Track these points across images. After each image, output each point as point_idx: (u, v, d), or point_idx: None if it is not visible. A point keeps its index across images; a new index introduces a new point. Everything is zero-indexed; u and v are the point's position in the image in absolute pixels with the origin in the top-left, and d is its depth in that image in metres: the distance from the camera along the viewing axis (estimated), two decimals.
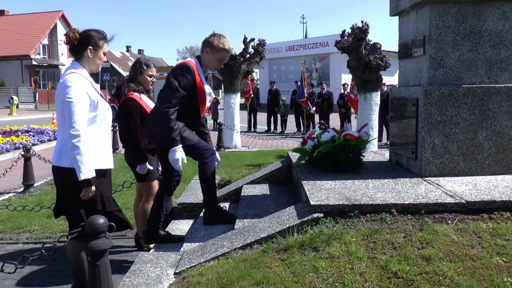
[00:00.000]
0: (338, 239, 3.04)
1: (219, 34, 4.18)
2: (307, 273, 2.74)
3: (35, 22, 48.39)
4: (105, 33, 3.48)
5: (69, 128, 3.13)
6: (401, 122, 4.65)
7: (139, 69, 4.60)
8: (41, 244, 3.47)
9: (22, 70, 46.30)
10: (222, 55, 4.17)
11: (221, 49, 4.11)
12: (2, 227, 5.71)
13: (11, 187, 8.21)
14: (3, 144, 12.17)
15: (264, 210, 4.28)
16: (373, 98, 9.52)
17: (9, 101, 30.57)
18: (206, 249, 3.44)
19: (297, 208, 3.61)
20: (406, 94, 4.53)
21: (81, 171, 3.12)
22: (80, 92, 3.19)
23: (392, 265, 2.71)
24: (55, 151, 3.34)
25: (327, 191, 3.67)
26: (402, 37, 4.83)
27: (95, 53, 3.39)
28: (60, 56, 49.04)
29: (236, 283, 2.74)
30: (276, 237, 3.24)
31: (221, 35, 4.17)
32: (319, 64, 35.08)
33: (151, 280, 3.11)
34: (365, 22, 9.12)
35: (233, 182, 6.04)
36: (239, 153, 12.06)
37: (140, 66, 4.60)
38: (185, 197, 5.64)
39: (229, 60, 12.61)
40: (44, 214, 6.06)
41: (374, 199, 3.41)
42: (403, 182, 3.96)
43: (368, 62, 9.11)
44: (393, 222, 3.21)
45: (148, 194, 4.68)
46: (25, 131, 15.08)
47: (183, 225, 5.14)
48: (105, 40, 3.45)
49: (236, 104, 13.10)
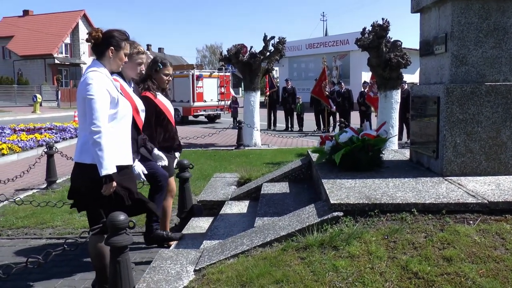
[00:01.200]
0: (358, 238, 3.03)
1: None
2: (327, 272, 2.74)
3: (57, 22, 49.19)
4: (127, 34, 3.53)
5: (90, 125, 3.19)
6: (422, 120, 4.61)
7: (155, 67, 4.63)
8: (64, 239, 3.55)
9: (45, 69, 47.14)
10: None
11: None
12: (26, 222, 5.84)
13: (35, 183, 8.38)
14: (27, 141, 12.42)
15: (284, 208, 4.28)
16: (393, 96, 9.45)
17: (33, 99, 31.11)
18: (225, 247, 3.46)
19: (317, 207, 3.60)
20: (427, 92, 4.48)
21: (103, 167, 3.18)
22: (100, 89, 3.25)
23: (412, 265, 2.69)
24: (77, 148, 3.41)
25: (347, 190, 3.65)
26: (424, 34, 4.78)
27: (116, 54, 3.43)
28: (82, 55, 49.73)
29: (256, 281, 2.76)
30: (296, 236, 3.24)
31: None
32: (339, 62, 34.89)
33: (171, 276, 3.13)
34: (385, 19, 9.06)
35: (253, 180, 6.05)
36: (259, 151, 12.09)
37: (156, 64, 4.63)
38: (205, 195, 5.67)
39: (249, 58, 12.64)
40: (66, 210, 6.16)
41: (394, 198, 3.39)
42: (423, 181, 3.92)
43: (389, 60, 9.04)
44: (414, 222, 3.18)
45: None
46: (48, 129, 15.36)
47: (202, 222, 5.18)
48: (127, 41, 3.50)
49: (256, 102, 13.11)
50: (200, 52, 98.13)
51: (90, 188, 3.35)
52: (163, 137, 4.62)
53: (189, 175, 5.45)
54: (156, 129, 4.54)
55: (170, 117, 4.68)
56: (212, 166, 9.59)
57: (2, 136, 13.19)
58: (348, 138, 4.52)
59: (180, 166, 5.35)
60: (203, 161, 10.27)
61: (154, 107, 4.50)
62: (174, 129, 4.80)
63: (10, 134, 13.83)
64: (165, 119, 4.63)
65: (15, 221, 5.90)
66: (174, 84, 22.05)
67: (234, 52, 12.74)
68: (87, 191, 3.40)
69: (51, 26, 48.07)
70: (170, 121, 4.69)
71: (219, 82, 22.77)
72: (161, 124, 4.60)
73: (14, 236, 5.39)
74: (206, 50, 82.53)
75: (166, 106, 4.67)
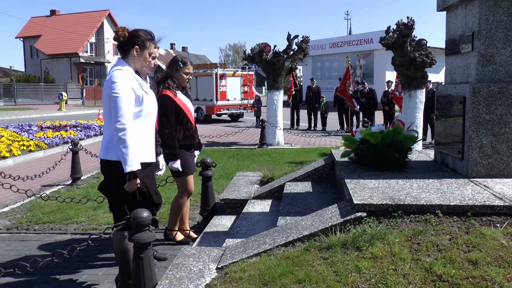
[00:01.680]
0: (382, 239, 3.00)
1: None
2: (350, 273, 2.72)
3: (83, 21, 50.05)
4: (153, 34, 3.56)
5: (115, 122, 3.24)
6: (447, 120, 4.54)
7: (175, 66, 4.66)
8: (88, 235, 3.62)
9: (71, 67, 48.01)
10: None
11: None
12: (52, 217, 5.97)
13: (60, 180, 8.55)
14: (53, 138, 12.68)
15: (307, 208, 4.28)
16: (418, 96, 9.33)
17: (59, 97, 31.69)
18: (248, 245, 3.47)
19: (340, 207, 3.59)
20: (452, 91, 4.42)
21: (127, 163, 3.23)
22: (125, 88, 3.30)
23: (436, 268, 2.66)
24: (102, 145, 3.47)
25: (371, 190, 3.62)
26: (450, 32, 4.71)
27: (140, 53, 3.48)
28: (107, 54, 50.48)
29: (278, 281, 2.76)
30: (318, 236, 3.24)
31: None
32: (363, 61, 34.60)
33: (193, 274, 3.16)
34: (410, 18, 8.96)
35: (276, 179, 6.06)
36: (282, 150, 12.09)
37: (176, 63, 4.67)
38: (228, 193, 5.70)
39: (272, 57, 12.64)
40: (90, 206, 6.28)
41: (418, 200, 3.35)
42: (448, 182, 3.87)
43: (413, 59, 8.93)
44: (438, 224, 3.14)
45: (181, 189, 4.77)
46: (73, 126, 15.62)
47: (225, 220, 5.21)
48: (152, 42, 3.53)
49: (279, 101, 13.10)
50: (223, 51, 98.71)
51: (115, 184, 3.41)
52: (182, 135, 4.66)
53: (212, 173, 5.48)
54: (176, 127, 4.58)
55: (190, 116, 4.72)
56: (235, 165, 9.63)
57: (30, 133, 13.48)
58: (378, 130, 4.51)
59: (203, 164, 5.39)
60: (226, 160, 10.32)
61: (174, 106, 4.54)
62: (193, 128, 4.83)
63: (37, 131, 14.12)
64: (184, 117, 4.66)
65: (42, 216, 6.04)
66: (198, 82, 22.20)
67: (257, 51, 12.75)
68: (112, 187, 3.46)
69: (77, 26, 48.93)
70: (190, 119, 4.72)
71: (242, 81, 22.81)
72: (181, 123, 4.63)
73: (41, 231, 5.52)
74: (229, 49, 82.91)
75: (186, 104, 4.70)
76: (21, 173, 8.28)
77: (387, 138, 4.40)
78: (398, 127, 4.48)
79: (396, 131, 4.45)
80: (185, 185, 4.75)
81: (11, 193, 6.67)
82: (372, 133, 4.48)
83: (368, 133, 4.49)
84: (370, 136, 4.45)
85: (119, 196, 3.43)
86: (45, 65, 50.01)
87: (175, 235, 4.87)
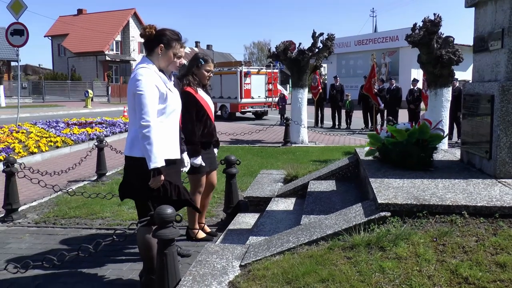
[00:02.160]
0: (406, 240, 2.97)
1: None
2: (374, 273, 2.70)
3: (109, 20, 50.78)
4: (180, 35, 3.60)
5: (140, 119, 3.28)
6: (474, 119, 4.45)
7: (196, 63, 4.69)
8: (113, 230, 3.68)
9: (97, 65, 48.76)
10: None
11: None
12: (78, 212, 6.09)
13: (86, 175, 8.70)
14: (79, 135, 12.91)
15: (331, 207, 4.26)
16: (444, 94, 9.17)
17: (85, 94, 32.23)
18: (272, 243, 3.48)
19: (364, 206, 3.56)
20: (480, 90, 4.33)
21: (151, 160, 3.27)
22: (149, 85, 3.34)
23: (462, 270, 2.61)
24: (127, 142, 3.51)
25: (395, 190, 3.58)
26: (478, 29, 4.61)
27: (165, 52, 3.52)
28: (132, 52, 51.10)
29: (302, 279, 2.76)
30: (342, 235, 3.22)
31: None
32: (388, 59, 34.18)
33: (216, 271, 3.18)
34: (437, 14, 8.80)
35: (300, 177, 6.05)
36: (306, 148, 12.06)
37: (197, 60, 4.69)
38: (252, 191, 5.72)
39: (297, 55, 12.60)
40: (115, 202, 6.37)
41: (443, 200, 3.30)
42: (475, 183, 3.80)
43: (440, 57, 8.78)
44: (464, 225, 3.09)
45: (193, 186, 4.79)
46: (98, 123, 15.86)
47: (249, 218, 5.23)
48: (178, 42, 3.56)
49: (304, 99, 13.06)
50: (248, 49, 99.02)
51: (139, 181, 3.45)
52: (201, 132, 4.70)
53: (236, 171, 5.50)
54: (196, 124, 4.62)
55: (210, 113, 4.76)
56: (259, 163, 9.64)
57: (57, 130, 13.75)
58: (405, 128, 4.46)
59: (227, 162, 5.41)
60: (250, 158, 10.34)
61: (195, 103, 4.57)
62: (213, 125, 4.86)
63: (64, 127, 14.38)
64: (204, 114, 4.70)
65: (68, 211, 6.16)
66: (222, 80, 22.29)
67: (282, 49, 12.71)
68: (137, 184, 3.50)
69: (103, 24, 49.66)
70: (209, 116, 4.76)
71: (267, 79, 22.80)
72: (200, 120, 4.67)
73: (67, 225, 5.64)
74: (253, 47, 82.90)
75: (207, 102, 4.74)
76: (49, 168, 8.47)
77: (413, 136, 4.35)
78: (425, 126, 4.42)
79: (422, 129, 4.39)
80: (197, 183, 4.78)
81: (39, 188, 6.82)
82: (398, 129, 4.43)
83: (394, 130, 4.45)
84: (396, 133, 4.40)
85: (143, 192, 3.47)
86: (72, 63, 50.94)
87: (196, 233, 4.91)
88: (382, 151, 4.68)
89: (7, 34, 14.68)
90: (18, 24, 14.66)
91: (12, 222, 5.79)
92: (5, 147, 10.27)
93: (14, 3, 14.62)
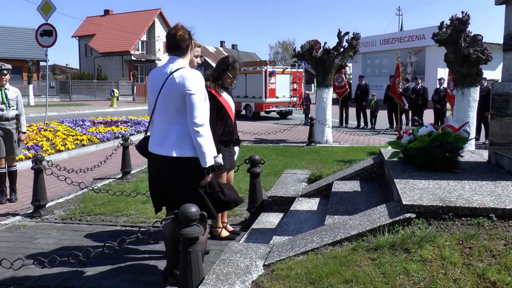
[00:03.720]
0: (431, 242, 2.92)
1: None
2: (398, 275, 2.67)
3: (135, 20, 51.36)
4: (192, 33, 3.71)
5: (194, 118, 3.38)
6: (503, 120, 4.36)
7: (223, 66, 4.76)
8: (137, 228, 3.72)
9: (122, 65, 49.38)
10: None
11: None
12: (103, 209, 6.19)
13: (111, 173, 8.83)
14: (104, 133, 13.11)
15: (355, 207, 4.23)
16: (471, 93, 8.99)
17: (111, 93, 32.62)
18: (295, 243, 3.47)
19: (389, 207, 3.52)
20: (510, 89, 4.24)
21: (206, 159, 3.39)
22: (202, 86, 3.48)
23: (490, 274, 2.56)
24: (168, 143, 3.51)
25: (420, 191, 3.54)
26: (509, 27, 4.51)
27: (190, 52, 3.68)
28: (157, 52, 51.56)
29: (325, 280, 2.74)
30: (366, 236, 3.19)
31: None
32: (414, 58, 33.66)
33: (240, 270, 3.19)
34: (465, 12, 8.63)
35: (324, 177, 6.02)
36: (330, 148, 11.99)
37: (225, 64, 4.77)
38: (276, 191, 5.71)
39: (322, 54, 12.52)
40: (139, 200, 6.45)
41: (470, 202, 3.23)
42: (504, 185, 3.71)
43: (467, 55, 8.60)
44: (492, 228, 3.02)
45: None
46: (123, 122, 16.07)
47: (272, 217, 5.23)
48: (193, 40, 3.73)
49: (329, 99, 12.98)
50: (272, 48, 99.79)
51: (189, 181, 3.51)
52: (222, 131, 4.74)
53: (260, 170, 5.51)
54: (217, 123, 4.65)
55: (230, 112, 4.80)
56: (283, 162, 9.63)
57: (83, 128, 13.99)
58: (427, 132, 4.38)
59: (252, 161, 5.43)
60: (274, 157, 10.34)
61: (216, 102, 4.61)
62: (233, 124, 4.90)
63: (89, 126, 14.63)
64: (225, 113, 4.75)
65: (93, 208, 6.27)
66: (247, 80, 22.32)
67: (307, 48, 12.65)
68: (185, 183, 3.54)
69: (129, 24, 50.26)
70: (230, 116, 4.81)
71: (291, 79, 22.74)
72: (221, 118, 4.72)
73: (92, 222, 5.73)
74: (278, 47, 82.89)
75: (228, 101, 4.81)
76: (75, 166, 8.62)
77: (436, 140, 4.27)
78: (448, 131, 4.34)
79: (446, 134, 4.31)
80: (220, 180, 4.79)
81: (65, 185, 6.96)
82: (419, 137, 4.35)
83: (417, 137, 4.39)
84: (417, 141, 4.34)
85: (193, 190, 3.53)
86: (98, 62, 51.71)
87: (220, 232, 4.93)
88: (406, 154, 4.62)
89: (37, 35, 15.01)
90: (47, 25, 14.96)
91: (40, 218, 5.92)
92: (34, 145, 10.51)
93: (44, 4, 14.93)
